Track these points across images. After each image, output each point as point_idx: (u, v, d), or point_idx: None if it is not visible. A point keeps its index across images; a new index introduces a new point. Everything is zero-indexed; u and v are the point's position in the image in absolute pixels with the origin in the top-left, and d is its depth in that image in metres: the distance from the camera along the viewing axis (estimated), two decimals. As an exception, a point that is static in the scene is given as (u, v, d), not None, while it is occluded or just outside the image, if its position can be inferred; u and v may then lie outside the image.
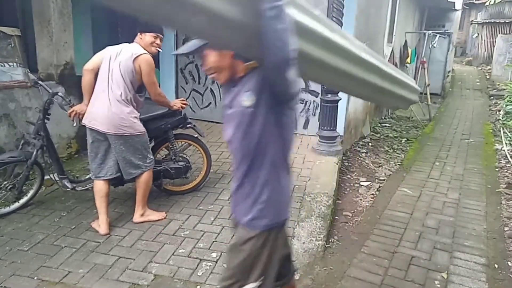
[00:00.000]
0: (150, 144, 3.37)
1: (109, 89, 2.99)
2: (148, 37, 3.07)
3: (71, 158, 4.63)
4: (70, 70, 4.59)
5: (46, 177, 4.08)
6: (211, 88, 6.15)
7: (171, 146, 3.64)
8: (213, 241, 3.06)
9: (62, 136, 4.53)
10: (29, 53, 4.74)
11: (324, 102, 4.87)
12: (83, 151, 4.84)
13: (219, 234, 3.17)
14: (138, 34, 3.11)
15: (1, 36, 4.07)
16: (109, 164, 3.13)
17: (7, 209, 3.38)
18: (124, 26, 7.33)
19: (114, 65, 3.01)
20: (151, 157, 3.27)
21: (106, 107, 2.97)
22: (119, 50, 3.06)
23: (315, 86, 5.46)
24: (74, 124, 3.38)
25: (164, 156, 3.78)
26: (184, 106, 3.49)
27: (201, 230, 3.21)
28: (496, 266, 3.02)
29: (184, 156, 3.77)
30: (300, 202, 3.72)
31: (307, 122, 5.65)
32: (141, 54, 3.00)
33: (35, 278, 2.59)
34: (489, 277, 2.87)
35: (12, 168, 3.39)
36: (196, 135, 3.81)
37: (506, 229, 3.62)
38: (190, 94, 6.33)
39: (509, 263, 3.08)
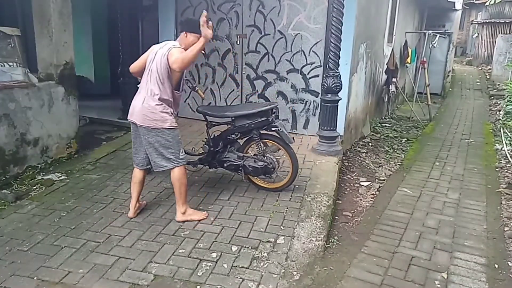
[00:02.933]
0: (237, 139, 3.79)
1: (146, 84, 3.20)
2: (191, 37, 3.22)
3: (71, 158, 4.63)
4: (70, 70, 4.59)
5: (47, 176, 4.12)
6: (211, 88, 6.15)
7: (256, 145, 3.76)
8: (213, 241, 3.06)
9: (62, 136, 4.53)
10: (29, 53, 4.74)
11: (324, 102, 4.87)
12: (83, 151, 4.85)
13: (219, 234, 3.17)
14: (183, 33, 3.27)
15: (1, 36, 4.07)
16: (141, 156, 3.36)
17: None
18: (125, 26, 7.32)
19: (153, 62, 3.20)
20: (183, 154, 3.37)
21: (141, 101, 3.18)
22: (160, 47, 3.23)
23: (316, 86, 5.46)
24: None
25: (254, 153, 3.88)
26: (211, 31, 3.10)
27: (201, 230, 3.21)
28: (496, 266, 3.02)
29: (271, 157, 3.76)
30: (300, 202, 3.72)
31: (307, 122, 5.65)
32: (173, 47, 3.11)
33: (35, 278, 2.59)
34: (489, 277, 2.87)
35: None
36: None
37: (506, 229, 3.62)
38: (190, 94, 6.32)
39: (509, 263, 3.08)
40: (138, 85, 3.40)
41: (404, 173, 5.06)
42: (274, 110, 3.72)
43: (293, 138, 3.71)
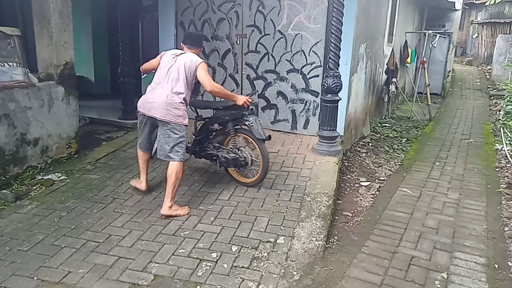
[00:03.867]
0: (216, 130, 4.14)
1: (168, 83, 3.51)
2: (199, 50, 3.86)
3: (71, 158, 4.63)
4: (70, 70, 4.59)
5: (47, 176, 4.12)
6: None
7: (232, 138, 3.99)
8: (213, 241, 3.06)
9: (62, 136, 4.53)
10: (29, 53, 4.74)
11: (324, 102, 4.87)
12: (83, 151, 4.85)
13: (219, 234, 3.17)
14: (199, 48, 3.87)
15: (1, 36, 4.07)
16: (148, 142, 3.76)
17: None
18: (125, 26, 7.30)
19: (175, 65, 3.56)
20: (185, 150, 3.67)
21: (164, 96, 3.46)
22: (176, 54, 3.65)
23: (316, 86, 5.46)
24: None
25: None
26: (247, 103, 3.75)
27: (201, 230, 3.22)
28: (496, 266, 3.02)
29: (246, 151, 3.93)
30: (300, 202, 3.72)
31: (307, 122, 5.65)
32: (202, 62, 3.60)
33: (35, 278, 2.59)
34: (489, 277, 2.87)
35: None
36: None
37: (506, 229, 3.62)
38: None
39: (509, 263, 3.08)
40: (143, 77, 4.06)
41: (404, 173, 5.06)
42: (250, 106, 3.88)
43: (268, 135, 3.85)
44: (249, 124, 3.79)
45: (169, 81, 3.51)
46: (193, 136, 4.18)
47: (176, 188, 3.49)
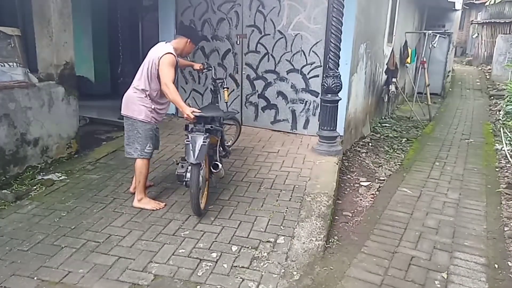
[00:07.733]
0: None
1: (135, 80, 3.46)
2: (190, 47, 3.61)
3: (71, 158, 4.63)
4: (70, 70, 4.59)
5: (47, 176, 4.12)
6: (211, 88, 6.13)
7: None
8: (213, 241, 3.06)
9: (62, 136, 4.53)
10: (29, 53, 4.74)
11: (324, 102, 4.87)
12: (83, 151, 4.86)
13: (219, 234, 3.17)
14: (188, 40, 3.55)
15: (1, 36, 4.07)
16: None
17: None
18: (125, 26, 7.31)
19: (145, 60, 3.44)
20: (150, 149, 3.51)
21: (127, 93, 3.47)
22: (155, 48, 3.48)
23: (316, 86, 5.46)
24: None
25: None
26: (188, 117, 3.32)
27: (201, 230, 3.21)
28: (496, 266, 3.02)
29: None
30: (300, 202, 3.72)
31: (307, 122, 5.65)
32: (165, 54, 3.31)
33: (35, 278, 2.59)
34: (489, 277, 2.87)
35: None
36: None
37: (506, 229, 3.62)
38: (190, 94, 6.32)
39: (509, 263, 3.08)
40: None
41: (404, 173, 5.06)
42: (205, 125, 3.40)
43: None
44: (185, 141, 3.29)
45: (136, 77, 3.43)
46: None
47: (142, 183, 3.48)
